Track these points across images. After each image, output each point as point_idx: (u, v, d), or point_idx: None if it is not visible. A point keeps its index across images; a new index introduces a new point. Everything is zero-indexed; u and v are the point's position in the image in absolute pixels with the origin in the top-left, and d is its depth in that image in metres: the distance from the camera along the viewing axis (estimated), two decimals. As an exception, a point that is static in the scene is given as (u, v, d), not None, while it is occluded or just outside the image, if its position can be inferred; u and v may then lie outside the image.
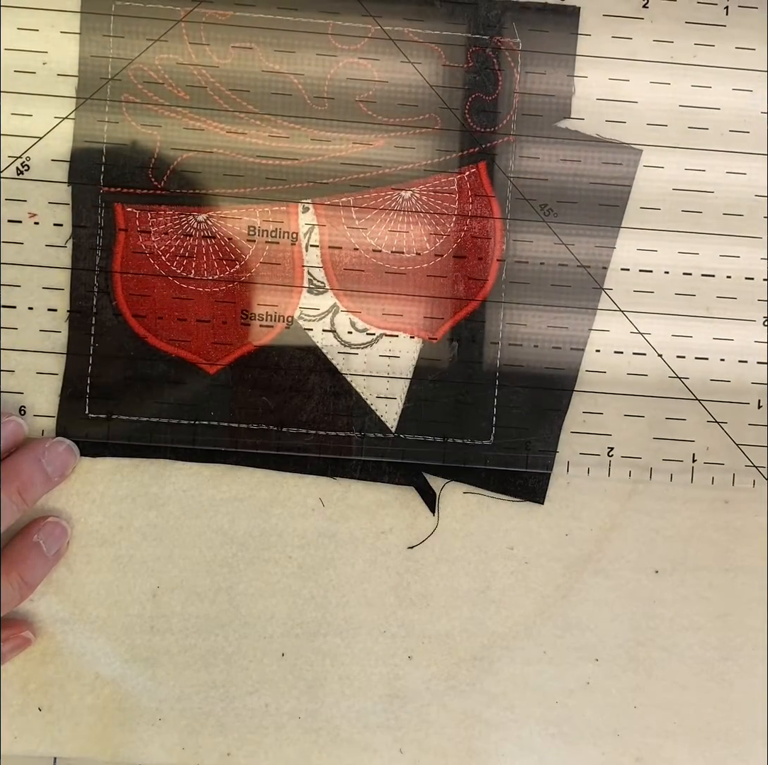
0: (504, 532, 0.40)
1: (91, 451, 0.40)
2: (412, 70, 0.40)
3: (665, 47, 0.40)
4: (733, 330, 0.41)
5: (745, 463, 0.40)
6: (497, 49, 0.40)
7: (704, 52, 0.41)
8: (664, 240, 0.40)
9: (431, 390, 0.40)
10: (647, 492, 0.41)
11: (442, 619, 0.40)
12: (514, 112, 0.40)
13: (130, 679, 0.39)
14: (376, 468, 0.40)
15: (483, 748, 0.40)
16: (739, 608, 0.41)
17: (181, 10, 0.39)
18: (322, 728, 0.40)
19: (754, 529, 0.41)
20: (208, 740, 0.39)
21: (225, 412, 0.39)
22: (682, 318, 0.41)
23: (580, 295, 0.40)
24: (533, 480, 0.40)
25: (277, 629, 0.40)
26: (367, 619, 0.40)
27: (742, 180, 0.41)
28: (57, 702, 0.39)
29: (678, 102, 0.40)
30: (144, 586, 0.40)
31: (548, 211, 0.40)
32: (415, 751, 0.40)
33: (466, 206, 0.40)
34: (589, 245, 0.40)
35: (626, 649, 0.40)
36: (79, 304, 0.39)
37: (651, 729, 0.40)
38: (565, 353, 0.40)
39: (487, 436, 0.40)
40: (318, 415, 0.40)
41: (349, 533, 0.40)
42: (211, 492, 0.40)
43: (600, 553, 0.40)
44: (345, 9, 0.40)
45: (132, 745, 0.39)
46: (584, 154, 0.40)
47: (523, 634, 0.40)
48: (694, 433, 0.40)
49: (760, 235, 0.41)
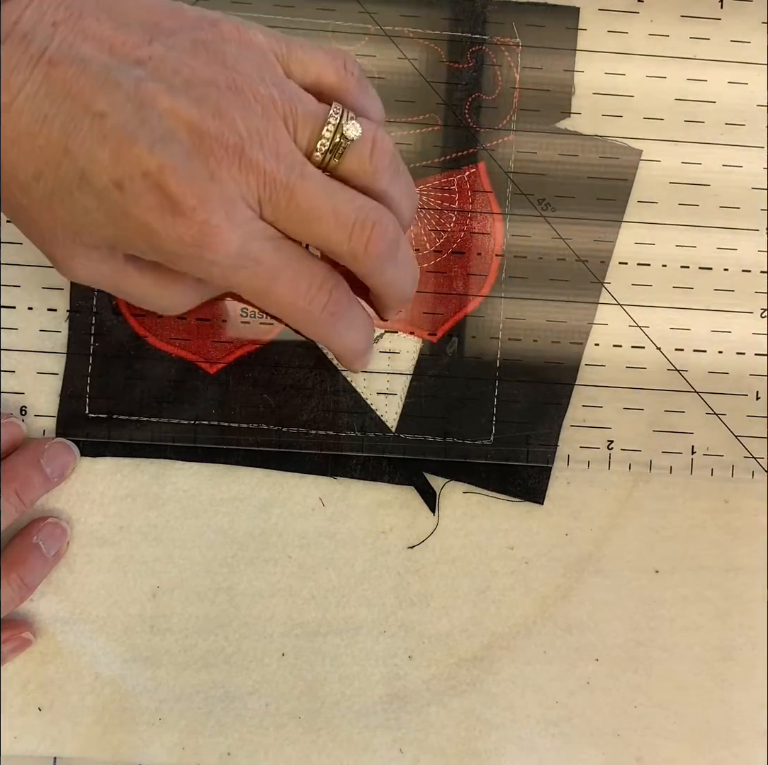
0: (504, 532, 0.40)
1: (91, 451, 0.40)
2: (411, 70, 0.40)
3: (661, 41, 0.40)
4: (731, 322, 0.41)
5: (744, 454, 0.40)
6: (497, 47, 0.40)
7: (699, 45, 0.41)
8: (661, 233, 0.40)
9: (431, 387, 0.40)
10: (647, 492, 0.41)
11: (443, 619, 0.40)
12: (514, 112, 0.40)
13: (130, 679, 0.39)
14: (377, 467, 0.40)
15: (483, 748, 0.40)
16: (739, 608, 0.41)
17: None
18: (322, 728, 0.40)
19: (754, 529, 0.41)
20: (208, 740, 0.39)
21: (225, 412, 0.39)
22: (680, 311, 0.41)
23: (579, 289, 0.40)
24: (533, 480, 0.40)
25: (277, 629, 0.40)
26: (367, 619, 0.40)
27: (738, 172, 0.41)
28: (57, 702, 0.39)
29: (674, 95, 0.41)
30: (144, 586, 0.40)
31: (546, 206, 0.40)
32: (415, 751, 0.40)
33: (466, 205, 0.40)
34: (587, 240, 0.40)
35: (626, 649, 0.40)
36: (79, 304, 0.39)
37: (651, 729, 0.40)
38: (564, 347, 0.40)
39: (488, 432, 0.40)
40: (318, 415, 0.40)
41: (349, 533, 0.40)
42: (211, 492, 0.40)
43: (600, 552, 0.40)
44: (344, 9, 0.40)
45: (132, 745, 0.39)
46: (582, 150, 0.40)
47: (523, 634, 0.40)
48: (693, 425, 0.40)
49: (757, 228, 0.41)
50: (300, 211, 0.32)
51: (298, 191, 0.31)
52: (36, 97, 0.30)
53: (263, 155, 0.31)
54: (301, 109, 0.32)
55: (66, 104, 0.30)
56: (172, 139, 0.30)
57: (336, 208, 0.32)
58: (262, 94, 0.31)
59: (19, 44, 0.30)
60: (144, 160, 0.30)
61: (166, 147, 0.30)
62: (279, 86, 0.32)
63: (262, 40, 0.32)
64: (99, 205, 0.31)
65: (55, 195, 0.31)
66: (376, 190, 0.33)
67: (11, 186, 0.32)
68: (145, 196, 0.30)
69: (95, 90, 0.30)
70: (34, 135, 0.31)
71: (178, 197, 0.30)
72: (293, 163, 0.31)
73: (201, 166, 0.30)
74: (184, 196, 0.30)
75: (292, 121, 0.32)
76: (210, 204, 0.30)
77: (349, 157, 0.32)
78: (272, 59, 0.32)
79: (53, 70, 0.30)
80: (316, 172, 0.32)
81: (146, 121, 0.30)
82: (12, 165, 0.31)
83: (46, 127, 0.30)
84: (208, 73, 0.31)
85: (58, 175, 0.31)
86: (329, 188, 0.32)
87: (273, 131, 0.31)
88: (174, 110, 0.30)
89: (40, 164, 0.31)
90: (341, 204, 0.32)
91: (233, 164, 0.31)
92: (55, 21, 0.31)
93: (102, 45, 0.31)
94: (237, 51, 0.32)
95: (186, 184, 0.30)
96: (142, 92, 0.30)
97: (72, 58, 0.30)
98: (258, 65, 0.32)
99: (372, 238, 0.32)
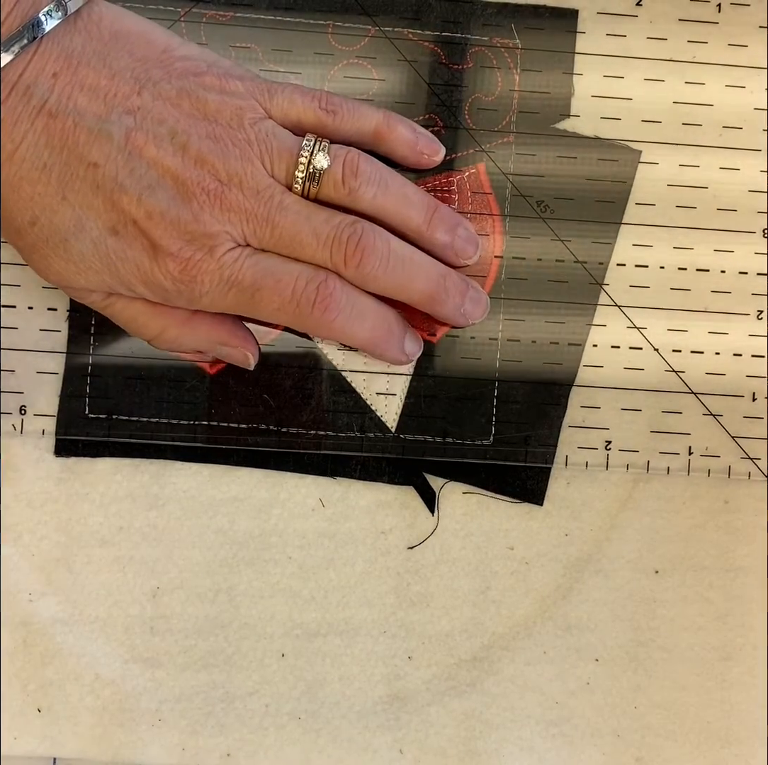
0: (504, 532, 0.40)
1: (91, 451, 0.40)
2: (411, 71, 0.40)
3: (659, 44, 0.41)
4: (728, 324, 0.41)
5: (741, 455, 0.40)
6: (496, 49, 0.40)
7: (697, 49, 0.41)
8: (659, 236, 0.41)
9: (431, 387, 0.40)
10: (647, 492, 0.41)
11: (443, 619, 0.40)
12: (513, 113, 0.40)
13: (129, 680, 0.39)
14: (377, 467, 0.40)
15: (483, 748, 0.40)
16: (740, 608, 0.41)
17: (181, 11, 0.39)
18: (322, 729, 0.40)
19: (754, 529, 0.41)
20: (208, 741, 0.39)
21: (225, 412, 0.39)
22: (677, 313, 0.41)
23: (578, 291, 0.40)
24: (532, 481, 0.40)
25: (277, 629, 0.40)
26: (367, 619, 0.40)
27: (735, 175, 0.41)
28: (57, 702, 0.39)
29: (672, 98, 0.41)
30: (144, 586, 0.40)
31: (545, 208, 0.40)
32: (415, 751, 0.40)
33: (466, 206, 0.40)
34: (586, 241, 0.40)
35: (626, 649, 0.40)
36: (79, 303, 0.39)
37: (651, 729, 0.40)
38: (563, 348, 0.40)
39: (487, 433, 0.40)
40: (318, 415, 0.40)
41: (349, 533, 0.40)
42: (211, 492, 0.40)
43: (600, 553, 0.40)
44: (344, 9, 0.40)
45: (132, 746, 0.39)
46: (582, 151, 0.40)
47: (523, 635, 0.40)
48: (691, 426, 0.40)
49: (754, 230, 0.41)
50: (284, 239, 0.35)
51: (279, 222, 0.34)
52: (36, 147, 0.33)
53: (242, 195, 0.34)
54: (276, 146, 0.35)
55: (63, 154, 0.33)
56: (158, 186, 0.34)
57: (315, 229, 0.35)
58: (239, 139, 0.34)
59: (23, 97, 0.33)
60: (133, 208, 0.33)
61: (152, 194, 0.34)
62: (256, 126, 0.35)
63: (241, 88, 0.35)
64: (95, 251, 0.34)
65: (49, 241, 0.34)
66: (358, 209, 0.36)
67: (9, 230, 0.35)
68: (139, 239, 0.34)
69: (89, 141, 0.33)
70: (34, 182, 0.34)
71: (163, 242, 0.34)
72: (272, 197, 0.34)
73: (185, 209, 0.34)
74: (169, 239, 0.34)
75: (269, 159, 0.35)
76: (194, 242, 0.34)
77: (325, 183, 0.35)
78: (253, 103, 0.35)
79: (52, 121, 0.33)
80: (295, 201, 0.35)
81: (134, 170, 0.34)
82: (10, 210, 0.34)
83: (45, 175, 0.34)
84: (190, 123, 0.34)
85: (53, 222, 0.34)
86: (307, 212, 0.35)
87: (251, 171, 0.34)
88: (159, 160, 0.34)
89: (36, 210, 0.34)
90: (319, 225, 0.35)
91: (215, 206, 0.34)
92: (55, 72, 0.33)
93: (97, 95, 0.34)
94: (218, 98, 0.35)
95: (171, 228, 0.34)
96: (131, 143, 0.34)
97: (69, 111, 0.33)
98: (238, 108, 0.35)
99: (348, 250, 0.35)
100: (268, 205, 0.34)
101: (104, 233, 0.34)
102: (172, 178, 0.34)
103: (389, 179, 0.36)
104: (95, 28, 0.34)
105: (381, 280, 0.36)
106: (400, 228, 0.36)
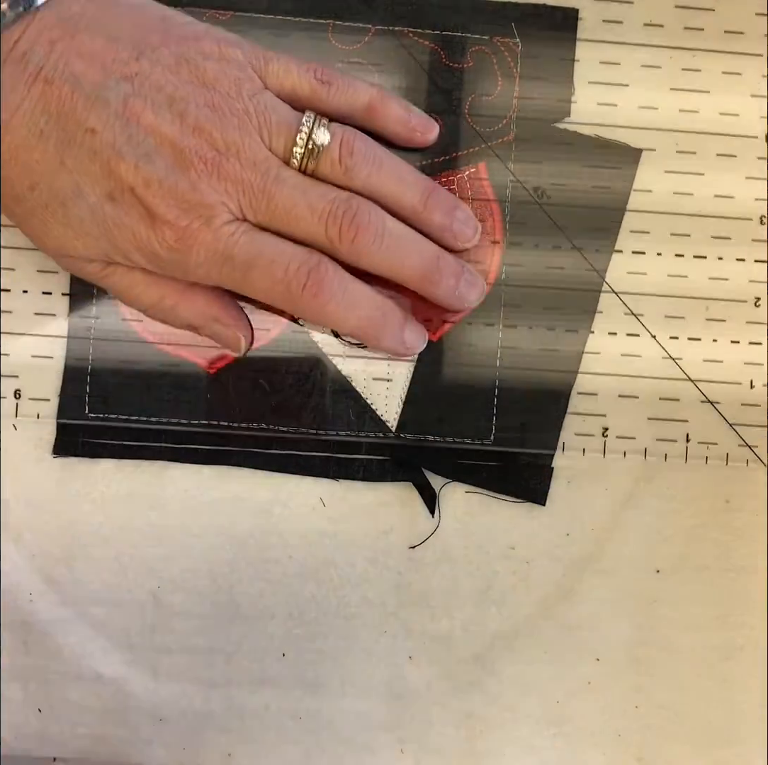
0: (505, 532, 0.40)
1: (91, 452, 0.40)
2: (411, 70, 0.40)
3: (656, 31, 0.41)
4: (726, 311, 0.41)
5: (738, 442, 0.40)
6: (496, 48, 0.40)
7: (694, 35, 0.41)
8: (656, 222, 0.41)
9: (431, 388, 0.40)
10: (648, 491, 0.41)
11: (443, 619, 0.40)
12: (513, 112, 0.40)
13: (130, 679, 0.39)
14: (379, 468, 0.40)
15: (483, 748, 0.40)
16: (740, 608, 0.41)
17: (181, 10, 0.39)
18: (322, 728, 0.40)
19: (754, 529, 0.41)
20: (208, 741, 0.39)
21: (225, 412, 0.39)
22: (675, 299, 0.41)
23: (576, 280, 0.40)
24: (534, 480, 0.40)
25: (277, 629, 0.40)
26: (367, 619, 0.40)
27: (733, 162, 0.41)
28: (57, 702, 0.39)
29: (668, 86, 0.41)
30: (144, 586, 0.40)
31: (542, 194, 0.40)
32: (415, 751, 0.40)
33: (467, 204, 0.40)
34: (585, 235, 0.40)
35: (627, 649, 0.40)
36: (79, 302, 0.39)
37: (652, 729, 0.40)
38: (559, 334, 0.40)
39: (488, 432, 0.40)
40: (318, 415, 0.40)
41: (350, 533, 0.40)
42: (211, 492, 0.40)
43: (601, 552, 0.40)
44: (345, 9, 0.40)
45: (132, 745, 0.39)
46: (582, 152, 0.40)
47: (524, 634, 0.40)
48: (688, 413, 0.40)
49: (751, 217, 0.41)
50: (279, 212, 0.35)
51: (275, 194, 0.34)
52: (33, 114, 0.33)
53: (240, 165, 0.34)
54: (275, 119, 0.35)
55: (60, 120, 0.33)
56: (156, 154, 0.33)
57: (311, 203, 0.35)
58: (238, 109, 0.34)
59: (19, 63, 0.33)
60: (130, 175, 0.33)
61: (150, 162, 0.33)
62: (254, 98, 0.34)
63: (240, 56, 0.35)
64: (92, 217, 0.34)
65: (48, 206, 0.34)
66: (353, 187, 0.36)
67: (6, 197, 0.34)
68: (136, 206, 0.33)
69: (87, 108, 0.33)
70: (31, 149, 0.33)
71: (159, 210, 0.33)
72: (269, 169, 0.34)
73: (183, 178, 0.33)
74: (166, 207, 0.33)
75: (267, 132, 0.35)
76: (191, 211, 0.34)
77: (323, 160, 0.35)
78: (251, 73, 0.35)
79: (48, 88, 0.33)
80: (292, 175, 0.35)
81: (132, 137, 0.33)
82: (8, 178, 0.34)
83: (42, 142, 0.33)
84: (189, 90, 0.34)
85: (52, 187, 0.33)
86: (303, 186, 0.35)
87: (249, 142, 0.34)
88: (157, 127, 0.33)
89: (35, 177, 0.33)
90: (315, 199, 0.35)
91: (212, 175, 0.34)
92: (51, 38, 0.33)
93: (94, 61, 0.33)
94: (217, 67, 0.34)
95: (169, 196, 0.33)
96: (129, 109, 0.33)
97: (66, 77, 0.33)
98: (236, 79, 0.34)
99: (343, 225, 0.35)
100: (265, 177, 0.34)
101: (101, 199, 0.34)
102: (170, 146, 0.33)
103: (384, 159, 0.36)
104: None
105: (375, 256, 0.36)
106: (394, 208, 0.36)
